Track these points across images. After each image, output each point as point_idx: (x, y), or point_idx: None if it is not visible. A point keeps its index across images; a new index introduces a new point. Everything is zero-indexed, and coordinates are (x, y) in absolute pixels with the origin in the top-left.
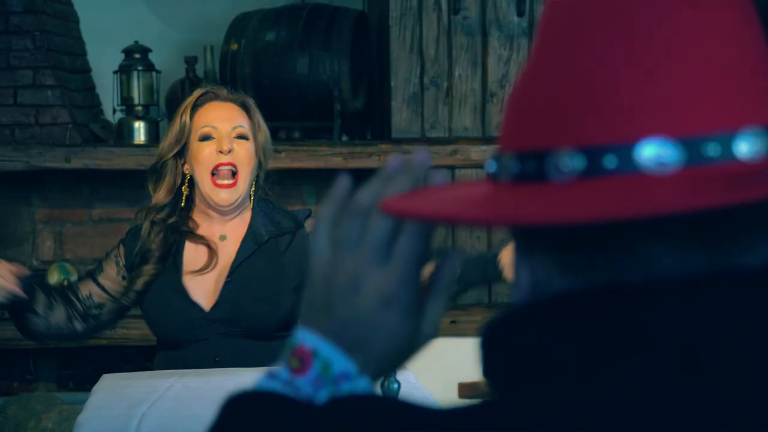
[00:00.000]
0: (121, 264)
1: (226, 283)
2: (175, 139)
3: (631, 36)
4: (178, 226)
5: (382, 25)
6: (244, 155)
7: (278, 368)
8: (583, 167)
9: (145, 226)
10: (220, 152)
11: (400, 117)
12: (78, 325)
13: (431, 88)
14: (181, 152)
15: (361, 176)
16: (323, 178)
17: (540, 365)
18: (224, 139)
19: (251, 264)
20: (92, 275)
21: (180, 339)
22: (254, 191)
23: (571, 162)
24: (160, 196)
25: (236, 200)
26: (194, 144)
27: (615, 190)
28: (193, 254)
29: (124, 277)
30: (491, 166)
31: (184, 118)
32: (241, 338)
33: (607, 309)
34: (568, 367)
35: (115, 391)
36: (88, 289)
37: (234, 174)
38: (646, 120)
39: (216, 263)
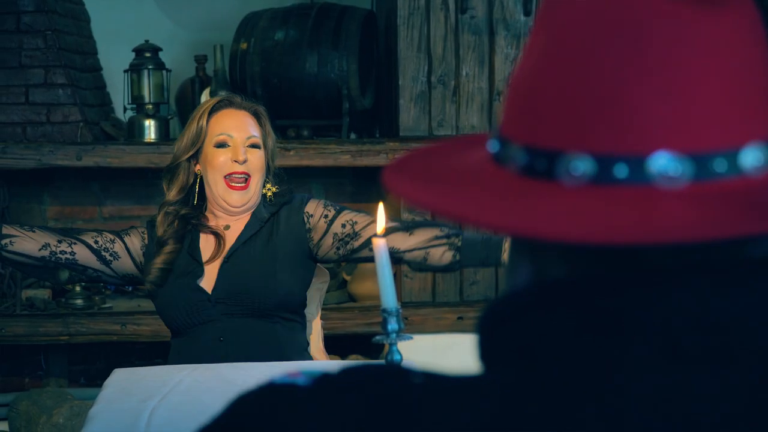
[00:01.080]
0: (145, 241)
1: (223, 264)
2: (191, 142)
3: (649, 47)
4: (190, 218)
5: (390, 24)
6: (256, 163)
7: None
8: (594, 173)
9: (160, 217)
10: (235, 161)
11: (408, 115)
12: (49, 253)
13: (439, 86)
14: (195, 155)
15: (368, 174)
16: (332, 175)
17: (534, 348)
18: (239, 149)
19: (249, 245)
20: (115, 233)
21: (187, 323)
22: (267, 189)
23: (583, 166)
24: (173, 193)
25: (247, 202)
26: (209, 149)
27: (628, 204)
28: (204, 245)
29: (144, 255)
30: (494, 146)
31: (200, 122)
32: (244, 317)
33: (600, 296)
34: (562, 350)
35: (126, 385)
36: (109, 237)
37: (247, 179)
38: (659, 133)
39: (224, 250)
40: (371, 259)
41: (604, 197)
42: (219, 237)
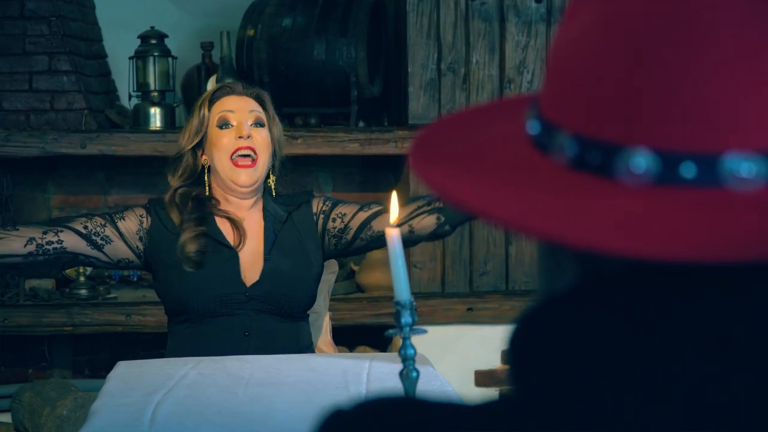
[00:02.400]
0: (144, 224)
1: (267, 261)
2: (195, 131)
3: (718, 38)
4: (202, 198)
5: (400, 11)
6: (261, 140)
7: None
8: (657, 172)
9: (168, 196)
10: (240, 137)
11: (417, 103)
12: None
13: (448, 74)
14: (200, 143)
15: (377, 162)
16: (340, 164)
17: (574, 352)
18: (243, 125)
19: (281, 244)
20: (108, 216)
21: (215, 312)
22: (270, 180)
23: (645, 163)
24: (177, 179)
25: (255, 182)
26: (213, 132)
27: (695, 210)
28: (224, 230)
29: (141, 239)
30: (534, 128)
31: (202, 111)
32: (272, 315)
33: (646, 296)
34: (604, 352)
35: (130, 379)
36: (99, 221)
37: (253, 158)
38: (733, 130)
39: (244, 240)
40: (369, 248)
41: (668, 201)
42: (236, 224)
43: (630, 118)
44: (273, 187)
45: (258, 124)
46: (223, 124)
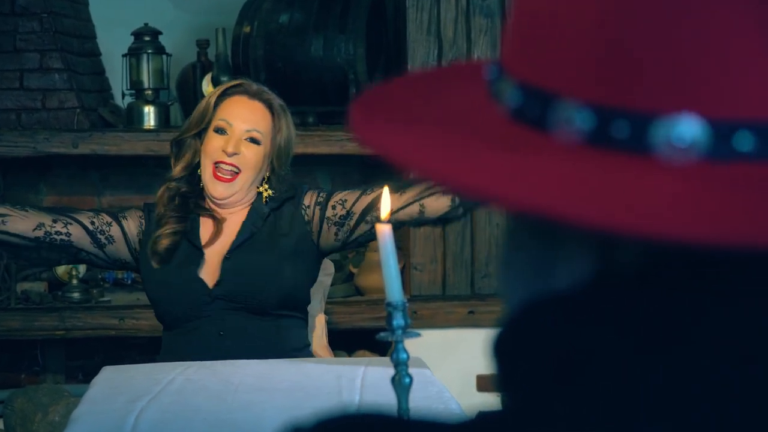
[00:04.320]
0: (143, 226)
1: (225, 260)
2: (197, 120)
3: None
4: (190, 197)
5: (399, 7)
6: (250, 158)
7: None
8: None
9: (160, 192)
10: (224, 152)
11: None
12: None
13: None
14: (201, 134)
15: (376, 162)
16: (338, 163)
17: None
18: (232, 140)
19: (252, 241)
20: (113, 215)
21: (185, 316)
22: (263, 189)
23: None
24: (178, 169)
25: (230, 196)
26: (209, 132)
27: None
28: (203, 231)
29: (139, 241)
30: (513, 99)
31: (210, 101)
32: (244, 312)
33: (656, 302)
34: (610, 364)
35: (115, 384)
36: (106, 219)
37: (234, 174)
38: (687, 90)
39: (217, 239)
40: (374, 233)
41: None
42: (218, 224)
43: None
44: (267, 196)
45: (252, 140)
46: (219, 130)
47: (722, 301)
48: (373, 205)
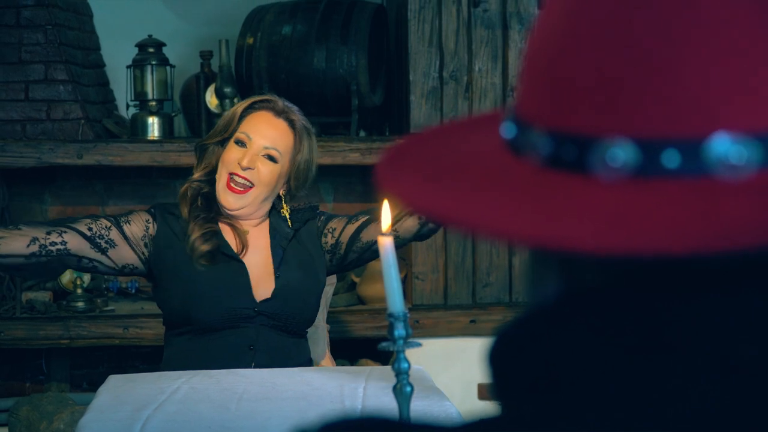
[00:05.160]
0: (150, 230)
1: (278, 278)
2: (221, 129)
3: (698, 9)
4: (211, 197)
5: (401, 18)
6: (265, 175)
7: None
8: (638, 163)
9: (183, 189)
10: (240, 164)
11: (419, 112)
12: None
13: (450, 82)
14: (224, 142)
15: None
16: (341, 174)
17: (560, 373)
18: (249, 155)
19: (288, 260)
20: (113, 219)
21: (220, 324)
22: (284, 210)
23: (624, 155)
24: (198, 174)
25: (240, 208)
26: (231, 142)
27: (681, 202)
28: (229, 239)
29: (146, 245)
30: (509, 131)
31: (236, 111)
32: (279, 331)
33: (637, 309)
34: (593, 372)
35: (120, 393)
36: (105, 223)
37: (247, 187)
38: (717, 113)
39: (247, 251)
40: (364, 260)
41: (651, 194)
42: (241, 234)
43: (603, 108)
44: (286, 214)
45: (269, 158)
46: (239, 142)
47: (680, 309)
48: (357, 236)
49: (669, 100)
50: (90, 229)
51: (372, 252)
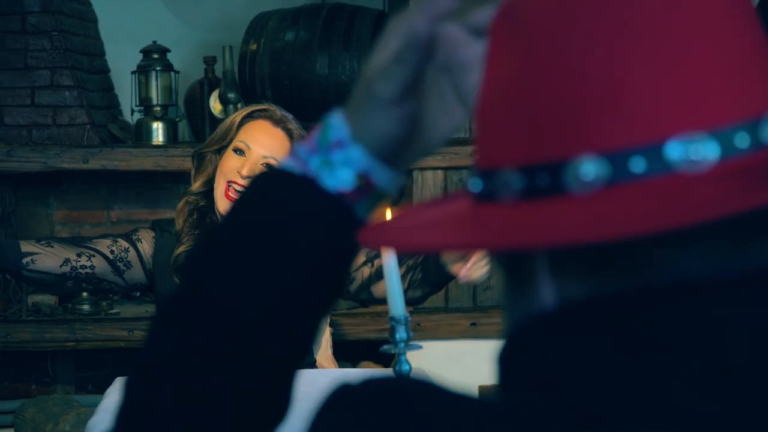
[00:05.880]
0: (155, 248)
1: None
2: (219, 137)
3: (637, 24)
4: (207, 211)
5: None
6: None
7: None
8: (609, 174)
9: (181, 204)
10: (239, 173)
11: None
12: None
13: None
14: (221, 150)
15: None
16: None
17: (564, 374)
18: (248, 163)
19: None
20: (129, 239)
21: None
22: None
23: (595, 170)
24: (198, 184)
25: None
26: (229, 151)
27: (652, 195)
28: None
29: (153, 261)
30: (476, 185)
31: (234, 120)
32: None
33: (636, 313)
34: (595, 375)
35: None
36: (123, 245)
37: None
38: (671, 115)
39: None
40: (365, 304)
41: (627, 196)
42: None
43: (568, 128)
44: None
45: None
46: (237, 150)
47: (688, 317)
48: (368, 285)
49: (624, 111)
50: (112, 252)
51: (375, 302)
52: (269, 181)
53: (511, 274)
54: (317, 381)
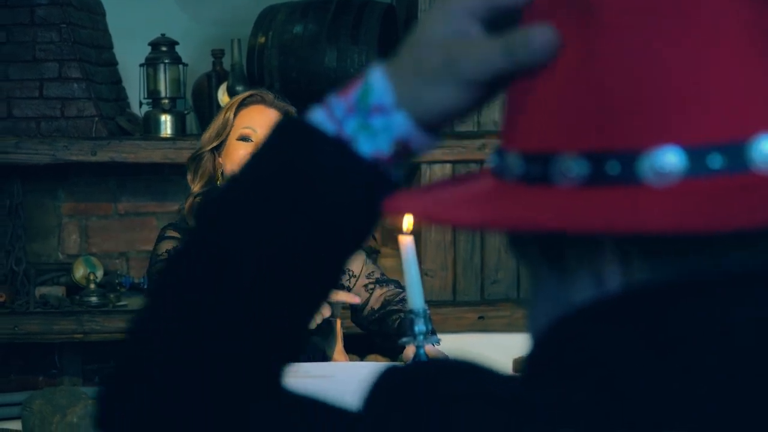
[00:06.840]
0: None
1: None
2: (216, 133)
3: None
4: None
5: (411, 18)
6: None
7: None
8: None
9: (188, 204)
10: None
11: None
12: None
13: None
14: (219, 147)
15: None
16: None
17: (600, 364)
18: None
19: None
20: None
21: None
22: None
23: (577, 167)
24: (198, 185)
25: None
26: (232, 142)
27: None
28: None
29: None
30: (493, 160)
31: (228, 114)
32: None
33: (668, 307)
34: (628, 366)
35: None
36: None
37: None
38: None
39: None
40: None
41: (593, 197)
42: None
43: (561, 125)
44: None
45: None
46: (244, 137)
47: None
48: (382, 309)
49: (607, 122)
50: None
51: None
52: (299, 135)
53: (549, 264)
54: (332, 373)
